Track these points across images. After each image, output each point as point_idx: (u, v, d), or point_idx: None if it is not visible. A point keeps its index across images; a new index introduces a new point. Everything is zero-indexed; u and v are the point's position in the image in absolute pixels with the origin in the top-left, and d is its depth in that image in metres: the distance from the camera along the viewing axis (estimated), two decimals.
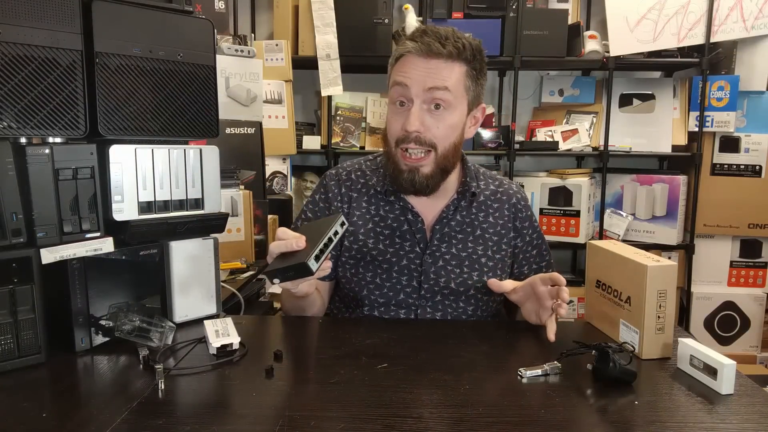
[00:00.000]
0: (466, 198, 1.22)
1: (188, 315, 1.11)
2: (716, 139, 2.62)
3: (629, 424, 0.74)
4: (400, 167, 1.13)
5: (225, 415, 0.75)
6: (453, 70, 1.09)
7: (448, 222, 1.21)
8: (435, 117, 1.10)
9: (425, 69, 1.08)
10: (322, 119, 2.67)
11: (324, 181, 1.27)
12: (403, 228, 1.20)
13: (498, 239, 1.23)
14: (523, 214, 1.27)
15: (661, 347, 0.95)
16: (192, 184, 1.08)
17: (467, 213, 1.22)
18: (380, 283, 1.19)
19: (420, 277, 1.18)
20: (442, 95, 1.08)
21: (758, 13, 2.44)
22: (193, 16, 1.08)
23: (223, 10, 2.38)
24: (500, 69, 2.81)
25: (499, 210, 1.25)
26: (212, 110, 1.12)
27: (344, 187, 1.24)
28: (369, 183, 1.23)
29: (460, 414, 0.75)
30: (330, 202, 1.24)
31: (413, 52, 1.09)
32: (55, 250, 0.91)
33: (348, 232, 1.21)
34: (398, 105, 1.12)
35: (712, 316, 2.68)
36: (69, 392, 0.84)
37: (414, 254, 1.19)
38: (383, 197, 1.21)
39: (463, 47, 1.09)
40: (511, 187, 1.30)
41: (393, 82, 1.13)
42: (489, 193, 1.26)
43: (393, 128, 1.13)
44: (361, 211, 1.22)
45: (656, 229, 2.65)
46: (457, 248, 1.20)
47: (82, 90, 0.94)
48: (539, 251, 1.30)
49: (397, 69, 1.12)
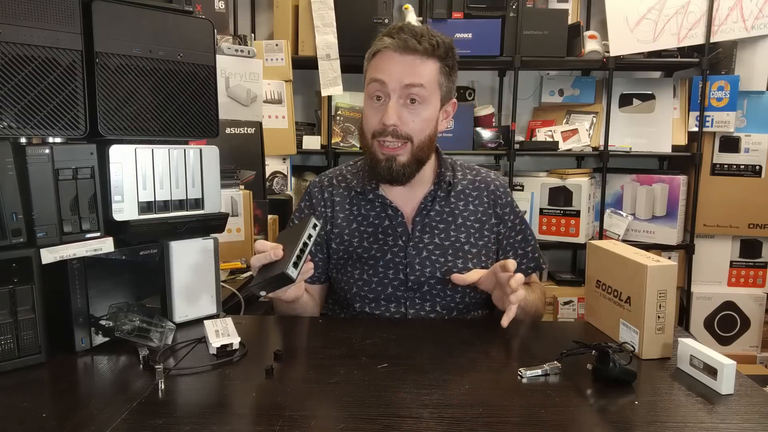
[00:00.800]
0: (443, 188, 1.25)
1: (188, 315, 1.11)
2: (716, 139, 2.61)
3: (629, 424, 0.74)
4: (377, 157, 1.17)
5: (225, 415, 0.75)
6: (428, 67, 1.14)
7: (428, 213, 1.24)
8: (411, 111, 1.14)
9: (401, 65, 1.12)
10: (322, 119, 2.67)
11: (308, 189, 1.32)
12: (384, 224, 1.23)
13: (480, 226, 1.26)
14: (503, 200, 1.29)
15: (661, 347, 0.95)
16: (192, 184, 1.08)
17: (446, 203, 1.25)
18: (368, 279, 1.22)
19: (406, 270, 1.21)
20: (417, 91, 1.13)
21: (758, 13, 2.44)
22: (193, 16, 1.09)
23: (223, 10, 2.38)
24: (500, 69, 2.80)
25: (478, 198, 1.28)
26: (212, 110, 1.12)
27: (327, 193, 1.29)
28: (350, 185, 1.28)
29: (460, 414, 0.75)
30: (314, 208, 1.28)
31: (390, 48, 1.13)
32: (55, 250, 0.91)
33: (334, 234, 1.25)
34: (375, 99, 1.16)
35: (712, 316, 2.68)
36: (69, 392, 0.84)
37: (397, 248, 1.22)
38: (363, 197, 1.26)
39: (437, 45, 1.14)
40: (489, 175, 1.33)
41: (370, 78, 1.17)
42: (467, 182, 1.29)
43: (370, 122, 1.17)
44: (345, 213, 1.26)
45: (656, 229, 2.65)
46: (440, 237, 1.23)
47: (82, 90, 0.94)
48: (524, 236, 1.31)
49: (374, 64, 1.16)
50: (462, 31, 2.46)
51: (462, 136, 2.59)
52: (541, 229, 2.64)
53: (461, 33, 2.46)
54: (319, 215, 1.27)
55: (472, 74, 2.85)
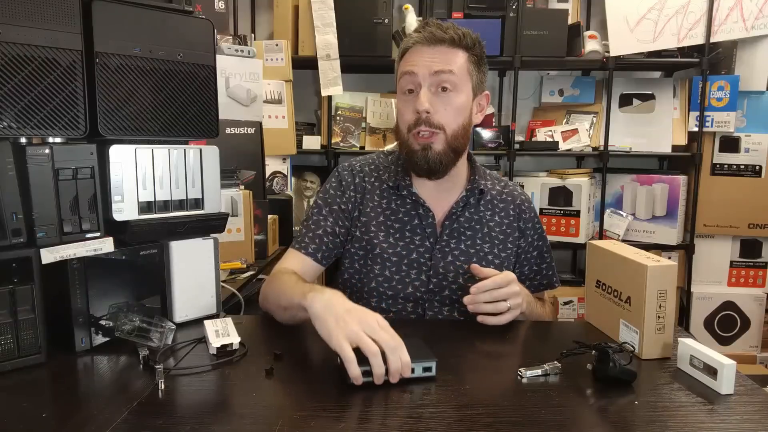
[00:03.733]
0: (475, 195, 1.25)
1: (188, 315, 1.11)
2: (716, 139, 2.61)
3: (629, 424, 0.74)
4: (413, 147, 1.17)
5: (225, 415, 0.75)
6: (456, 55, 1.15)
7: (458, 218, 1.23)
8: (443, 99, 1.15)
9: (431, 55, 1.14)
10: (322, 119, 2.67)
11: (337, 171, 1.29)
12: (413, 222, 1.22)
13: (504, 237, 1.26)
14: (527, 215, 1.30)
15: (661, 347, 0.95)
16: (192, 184, 1.08)
17: (476, 210, 1.25)
18: (389, 276, 1.20)
19: (429, 272, 1.20)
20: (448, 77, 1.14)
21: (758, 13, 2.44)
22: (193, 16, 1.08)
23: (223, 10, 2.38)
24: (500, 69, 2.80)
25: (504, 210, 1.28)
26: (212, 110, 1.12)
27: (358, 178, 1.26)
28: (381, 177, 1.26)
29: (460, 414, 0.75)
30: (344, 190, 1.25)
31: (419, 42, 1.16)
32: (55, 250, 0.91)
33: (360, 222, 1.23)
34: (407, 93, 1.17)
35: (712, 316, 2.68)
36: (69, 392, 0.84)
37: (424, 248, 1.21)
38: (396, 192, 1.24)
39: (463, 35, 1.16)
40: (516, 188, 1.34)
41: (401, 73, 1.18)
42: (495, 192, 1.29)
43: (404, 115, 1.18)
44: (374, 203, 1.24)
45: (656, 229, 2.65)
46: (466, 244, 1.22)
47: (82, 90, 0.94)
48: (540, 252, 1.31)
49: (405, 61, 1.18)
50: None
51: None
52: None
53: None
54: (348, 200, 1.24)
55: None
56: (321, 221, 1.24)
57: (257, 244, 1.88)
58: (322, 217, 1.24)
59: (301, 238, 1.24)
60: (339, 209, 1.24)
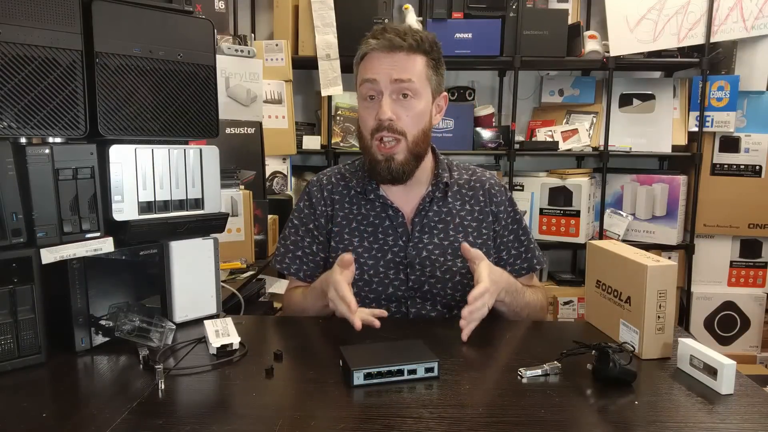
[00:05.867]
0: (440, 188, 1.26)
1: (188, 315, 1.11)
2: (716, 139, 2.61)
3: (629, 424, 0.74)
4: (376, 158, 1.19)
5: (225, 415, 0.75)
6: (415, 62, 1.17)
7: (426, 213, 1.25)
8: (404, 106, 1.17)
9: (390, 63, 1.16)
10: (322, 119, 2.67)
11: (307, 188, 1.32)
12: (385, 224, 1.24)
13: (477, 225, 1.27)
14: (498, 198, 1.30)
15: (661, 347, 0.95)
16: (192, 184, 1.08)
17: (443, 203, 1.27)
18: (368, 280, 1.22)
19: (406, 270, 1.22)
20: (408, 86, 1.16)
21: (758, 13, 2.44)
22: (193, 16, 1.09)
23: (223, 10, 2.38)
24: (500, 69, 2.80)
25: (474, 197, 1.29)
26: (212, 110, 1.12)
27: (326, 191, 1.29)
28: (349, 185, 1.29)
29: (460, 414, 0.75)
30: (315, 207, 1.28)
31: (377, 49, 1.16)
32: (55, 250, 0.91)
33: (334, 233, 1.26)
34: (368, 99, 1.19)
35: (712, 316, 2.68)
36: (69, 392, 0.84)
37: (398, 248, 1.23)
38: (363, 197, 1.26)
39: (421, 40, 1.17)
40: (485, 174, 1.34)
41: (361, 80, 1.19)
42: (463, 182, 1.31)
43: (366, 121, 1.19)
44: (344, 211, 1.27)
45: (656, 229, 2.65)
46: (439, 237, 1.24)
47: (82, 90, 0.94)
48: (516, 236, 1.30)
49: (364, 66, 1.19)
50: (462, 31, 2.46)
51: (462, 136, 2.59)
52: (541, 229, 2.64)
53: (461, 33, 2.46)
54: (320, 215, 1.27)
55: (472, 74, 2.85)
56: (299, 242, 1.28)
57: (257, 244, 1.89)
58: (299, 237, 1.28)
59: (281, 258, 1.29)
60: (314, 227, 1.27)
